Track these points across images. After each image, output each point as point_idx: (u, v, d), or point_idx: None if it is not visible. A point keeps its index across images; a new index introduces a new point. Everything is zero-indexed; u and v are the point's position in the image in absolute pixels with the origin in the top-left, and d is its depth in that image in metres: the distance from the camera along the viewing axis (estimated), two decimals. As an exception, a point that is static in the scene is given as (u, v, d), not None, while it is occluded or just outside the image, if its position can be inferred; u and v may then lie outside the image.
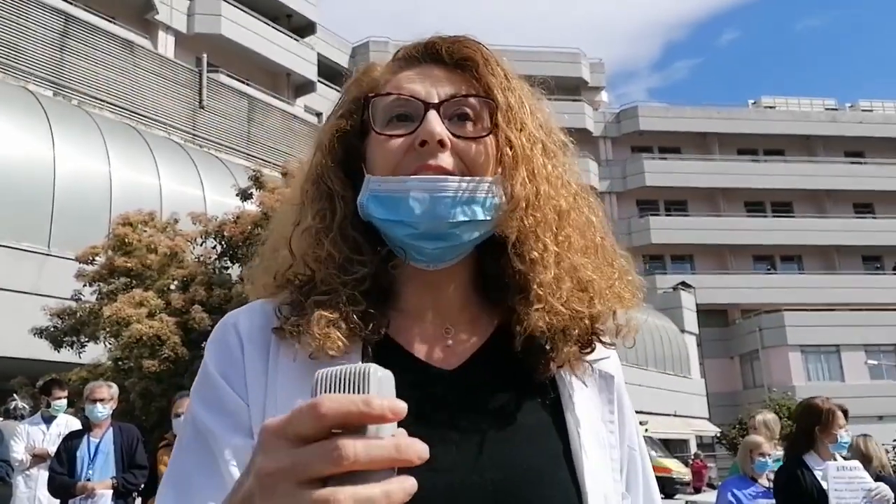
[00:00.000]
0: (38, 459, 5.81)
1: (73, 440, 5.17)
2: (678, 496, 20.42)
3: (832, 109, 44.72)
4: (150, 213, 9.87)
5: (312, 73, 30.53)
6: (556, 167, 0.84)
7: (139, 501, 5.60)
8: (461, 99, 0.80)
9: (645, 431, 21.23)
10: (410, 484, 0.46)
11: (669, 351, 30.93)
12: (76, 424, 5.95)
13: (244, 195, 9.57)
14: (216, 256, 9.06)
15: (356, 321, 0.76)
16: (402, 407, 0.46)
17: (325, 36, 33.76)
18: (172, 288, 8.77)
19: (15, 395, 7.98)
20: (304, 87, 30.74)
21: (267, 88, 27.13)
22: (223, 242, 9.00)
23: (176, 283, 8.85)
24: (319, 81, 31.50)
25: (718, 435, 30.40)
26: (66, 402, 6.22)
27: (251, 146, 20.04)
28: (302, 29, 30.53)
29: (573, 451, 0.79)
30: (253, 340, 0.78)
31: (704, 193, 40.81)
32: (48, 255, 12.52)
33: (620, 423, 0.86)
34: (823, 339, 36.09)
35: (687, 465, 24.03)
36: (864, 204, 42.37)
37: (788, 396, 28.04)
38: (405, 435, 0.48)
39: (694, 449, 29.69)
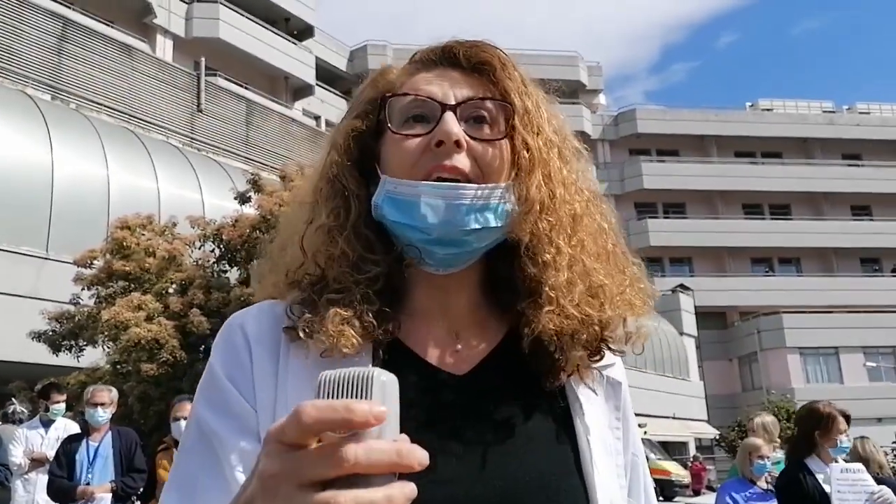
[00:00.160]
0: (36, 463, 5.80)
1: (71, 444, 5.15)
2: (677, 499, 20.42)
3: (829, 112, 44.83)
4: (148, 216, 9.87)
5: (310, 76, 30.56)
6: (570, 172, 0.84)
7: (137, 505, 5.59)
8: (478, 101, 0.80)
9: (644, 434, 21.24)
10: (411, 489, 0.46)
11: (668, 353, 30.93)
12: (74, 428, 5.94)
13: (242, 199, 9.57)
14: (214, 260, 9.06)
15: (370, 320, 0.76)
16: (383, 412, 0.46)
17: (323, 39, 33.80)
18: (171, 291, 8.76)
19: (13, 398, 7.96)
20: (302, 90, 30.76)
21: (265, 92, 27.14)
22: (221, 246, 8.99)
23: (174, 286, 8.84)
24: (317, 85, 31.53)
25: (717, 437, 30.38)
26: (64, 405, 6.21)
27: (249, 150, 20.04)
28: (300, 32, 30.56)
29: (582, 459, 0.79)
30: (261, 342, 0.77)
31: (702, 196, 40.86)
32: (46, 258, 12.51)
33: (625, 429, 0.86)
34: (822, 341, 36.10)
35: (686, 467, 24.02)
36: (861, 206, 42.43)
37: (787, 399, 28.08)
38: (407, 440, 0.48)
39: (693, 451, 29.68)
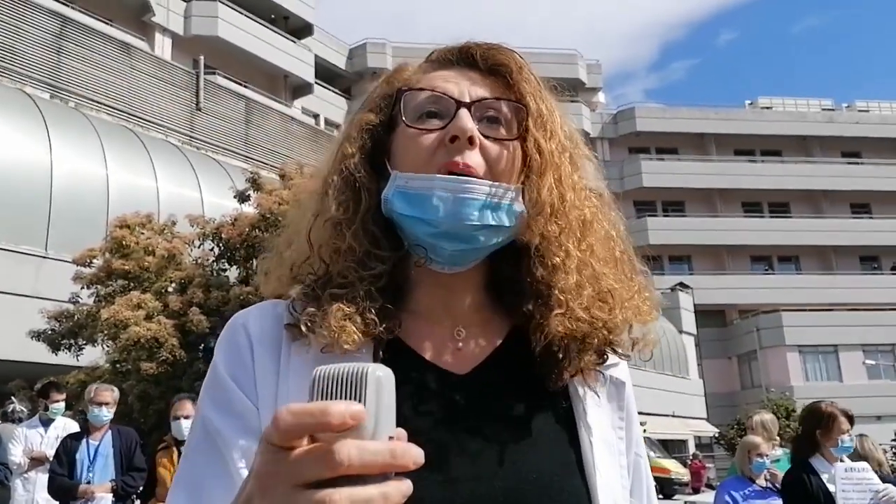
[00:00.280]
0: (36, 462, 5.81)
1: (72, 442, 5.16)
2: (677, 497, 20.43)
3: (829, 110, 44.83)
4: (147, 215, 9.86)
5: (310, 74, 30.55)
6: (581, 178, 0.85)
7: (137, 504, 5.59)
8: (493, 101, 0.81)
9: (643, 432, 21.11)
10: (407, 486, 0.46)
11: (668, 351, 30.93)
12: (74, 427, 5.94)
13: (242, 197, 9.56)
14: (214, 258, 9.05)
15: (372, 317, 0.76)
16: (360, 412, 0.45)
17: (322, 38, 33.78)
18: (170, 290, 8.76)
19: (13, 398, 7.97)
20: (301, 88, 30.76)
21: (264, 90, 27.13)
22: (221, 244, 8.99)
23: (173, 285, 8.84)
24: (317, 83, 31.52)
25: (717, 435, 30.40)
26: (63, 405, 6.21)
27: (249, 148, 20.03)
28: (299, 31, 30.55)
29: (585, 460, 0.79)
30: (263, 341, 0.78)
31: (702, 194, 40.86)
32: (45, 257, 12.50)
33: (628, 429, 0.86)
34: (821, 339, 36.13)
35: (685, 465, 24.04)
36: (861, 204, 42.44)
37: (786, 397, 28.09)
38: (404, 435, 0.48)
39: (692, 449, 29.70)
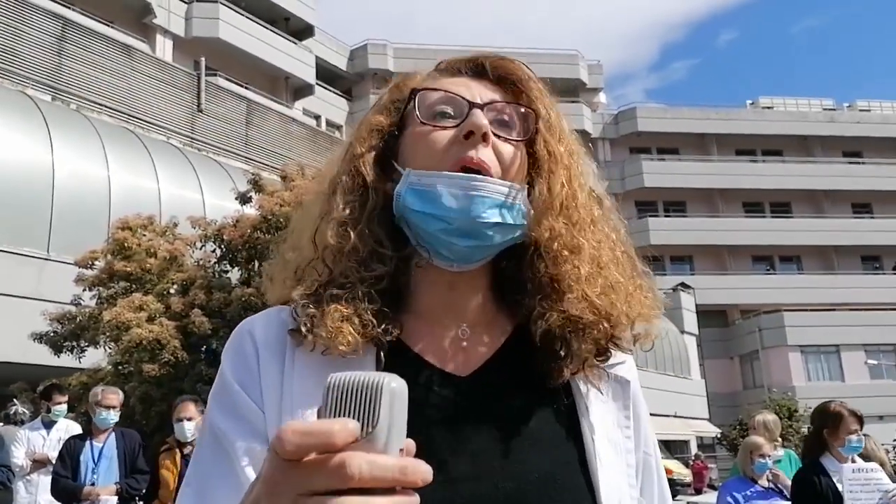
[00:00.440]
0: (38, 465, 5.81)
1: (75, 444, 5.15)
2: (679, 497, 20.41)
3: (830, 110, 44.78)
4: (149, 217, 9.87)
5: (311, 76, 30.57)
6: (586, 182, 0.88)
7: (140, 506, 5.60)
8: (504, 105, 0.83)
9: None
10: (414, 501, 0.47)
11: (669, 352, 30.91)
12: (76, 429, 5.95)
13: (243, 199, 9.56)
14: (216, 260, 9.05)
15: (369, 319, 0.77)
16: (356, 428, 0.45)
17: (323, 39, 33.81)
18: (172, 292, 8.76)
19: (15, 400, 7.97)
20: (302, 90, 30.78)
21: (265, 92, 27.15)
22: (222, 246, 8.99)
23: (175, 287, 8.84)
24: (318, 84, 31.54)
25: (719, 436, 30.39)
26: (66, 407, 6.22)
27: (250, 149, 20.04)
28: (300, 32, 30.57)
29: (588, 457, 0.79)
30: (268, 346, 0.79)
31: (703, 194, 40.83)
32: (47, 259, 12.51)
33: (636, 427, 0.86)
34: (823, 339, 36.07)
35: (687, 466, 24.03)
36: (862, 204, 42.39)
37: (788, 397, 28.06)
38: (413, 447, 0.48)
39: (694, 450, 29.67)
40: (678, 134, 41.92)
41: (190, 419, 4.99)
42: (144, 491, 5.14)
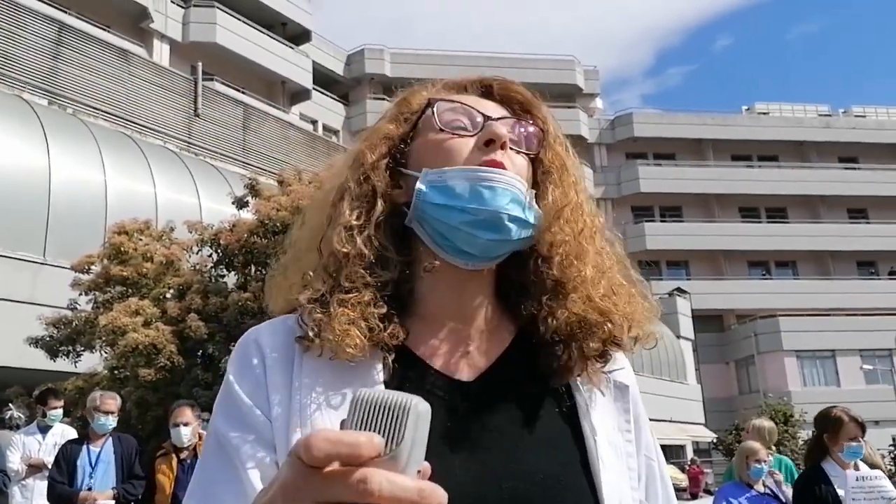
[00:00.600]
0: (34, 469, 5.79)
1: (72, 449, 5.13)
2: (676, 503, 20.39)
3: (825, 115, 44.91)
4: (145, 221, 9.86)
5: (308, 80, 30.58)
6: (588, 198, 0.92)
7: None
8: (515, 121, 0.87)
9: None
10: None
11: (665, 356, 30.92)
12: (72, 434, 5.93)
13: (240, 203, 9.56)
14: (212, 265, 9.04)
15: (376, 323, 0.78)
16: (381, 444, 0.46)
17: (320, 44, 33.81)
18: (168, 296, 8.75)
19: (10, 404, 7.96)
20: (299, 94, 30.78)
21: (262, 96, 27.16)
22: (219, 251, 8.98)
23: (172, 291, 8.83)
24: (314, 89, 31.55)
25: (715, 440, 30.37)
26: (61, 411, 6.20)
27: (247, 154, 20.03)
28: (297, 37, 30.57)
29: (590, 459, 0.80)
30: (275, 354, 0.79)
31: (699, 199, 40.91)
32: (43, 264, 12.49)
33: (636, 431, 0.87)
34: (819, 344, 36.11)
35: (683, 471, 24.00)
36: (857, 209, 42.51)
37: (784, 402, 28.05)
38: (429, 471, 0.49)
39: (690, 455, 29.66)
40: (674, 139, 42.01)
41: (186, 424, 4.98)
42: (140, 496, 5.13)
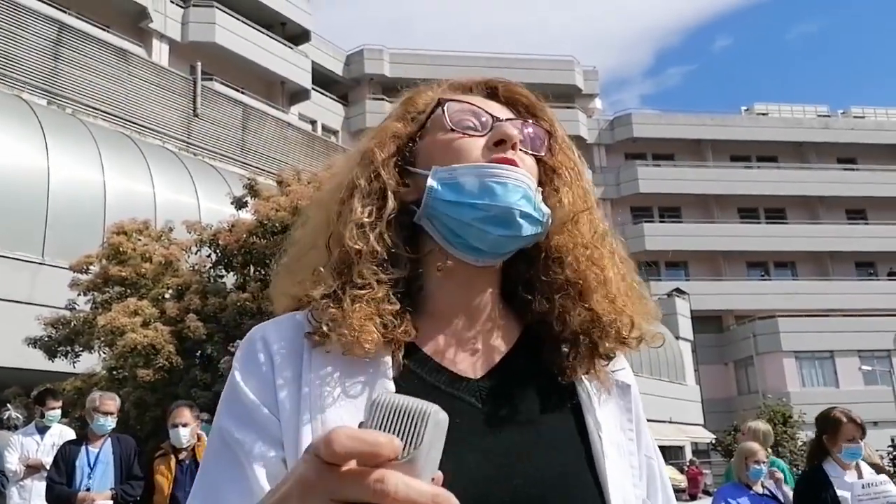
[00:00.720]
0: (32, 470, 5.78)
1: (70, 449, 5.13)
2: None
3: (824, 116, 44.96)
4: (144, 221, 9.87)
5: (307, 80, 30.58)
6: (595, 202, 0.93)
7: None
8: (523, 122, 0.88)
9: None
10: None
11: (664, 357, 30.93)
12: (70, 435, 5.92)
13: (239, 203, 9.56)
14: (211, 265, 9.04)
15: (391, 319, 0.78)
16: (399, 447, 0.47)
17: (319, 44, 33.81)
18: (167, 297, 8.75)
19: (8, 405, 7.96)
20: (298, 94, 30.78)
21: (261, 96, 27.16)
22: (218, 251, 8.98)
23: (170, 291, 8.83)
24: (314, 89, 31.55)
25: (713, 441, 30.38)
26: (60, 412, 6.19)
27: (246, 154, 20.03)
28: (296, 37, 30.58)
29: (595, 455, 0.81)
30: (282, 350, 0.79)
31: (698, 200, 40.95)
32: (42, 264, 12.48)
33: (637, 430, 0.89)
34: (817, 344, 36.15)
35: (682, 471, 24.00)
36: (856, 210, 42.56)
37: (783, 403, 28.08)
38: (441, 479, 0.50)
39: (689, 455, 29.66)
40: (673, 140, 42.04)
41: (185, 425, 4.97)
42: (139, 497, 5.12)
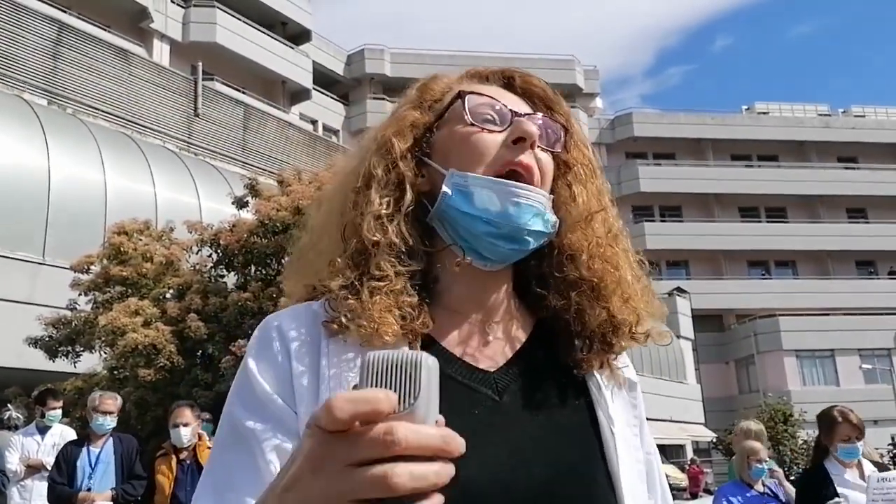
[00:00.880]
0: (32, 470, 5.79)
1: (72, 450, 5.14)
2: (675, 502, 20.41)
3: (825, 115, 44.92)
4: (145, 221, 9.87)
5: (307, 80, 30.57)
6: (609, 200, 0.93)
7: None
8: (541, 118, 0.87)
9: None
10: (452, 469, 0.48)
11: (665, 356, 30.91)
12: (71, 435, 5.93)
13: (240, 203, 9.56)
14: (212, 265, 9.04)
15: (409, 311, 0.78)
16: (395, 398, 0.47)
17: (320, 44, 33.81)
18: (168, 297, 8.75)
19: (9, 405, 7.95)
20: (299, 94, 30.77)
21: (262, 96, 27.15)
22: (219, 251, 8.97)
23: (171, 291, 8.83)
24: (314, 89, 31.54)
25: (714, 440, 30.37)
26: (60, 412, 6.20)
27: (247, 154, 20.03)
28: (297, 37, 30.57)
29: (607, 450, 0.82)
30: (299, 339, 0.79)
31: (699, 199, 40.93)
32: (43, 264, 12.48)
33: (641, 427, 0.90)
34: (818, 343, 36.15)
35: (683, 470, 24.00)
36: (857, 209, 42.53)
37: (784, 401, 28.07)
38: (443, 422, 0.50)
39: (690, 454, 29.66)
40: (674, 139, 42.03)
41: (186, 424, 4.98)
42: (141, 496, 5.13)
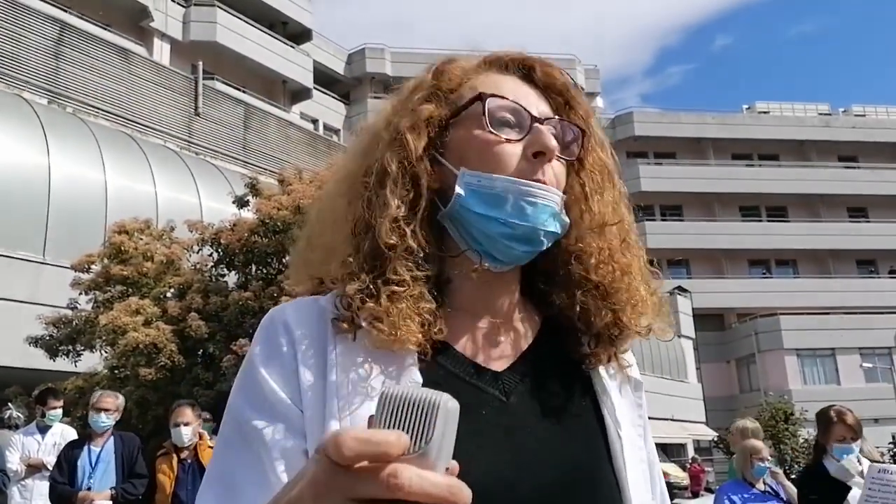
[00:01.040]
0: (33, 469, 5.79)
1: (73, 449, 5.14)
2: (676, 501, 20.41)
3: (826, 114, 44.91)
4: (145, 220, 9.86)
5: (308, 80, 30.56)
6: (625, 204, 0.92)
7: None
8: (559, 122, 0.86)
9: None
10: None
11: (666, 355, 30.91)
12: (71, 434, 5.93)
13: (241, 203, 9.56)
14: (213, 264, 9.04)
15: (428, 317, 0.77)
16: (408, 442, 0.46)
17: (320, 43, 33.81)
18: (169, 296, 8.75)
19: (10, 404, 7.96)
20: (299, 93, 30.76)
21: (263, 95, 27.13)
22: (220, 250, 8.97)
23: (172, 290, 8.83)
24: (315, 88, 31.53)
25: (715, 439, 30.37)
26: (61, 411, 6.20)
27: (247, 153, 20.02)
28: (297, 36, 30.56)
29: (613, 451, 0.82)
30: (306, 335, 0.77)
31: (699, 198, 40.91)
32: (43, 263, 12.48)
33: (644, 427, 0.90)
34: (819, 342, 36.16)
35: (684, 469, 24.02)
36: (857, 208, 42.52)
37: (785, 400, 28.09)
38: (456, 469, 0.49)
39: (691, 453, 29.67)
40: (675, 138, 42.02)
41: (187, 424, 4.98)
42: (142, 495, 5.13)
